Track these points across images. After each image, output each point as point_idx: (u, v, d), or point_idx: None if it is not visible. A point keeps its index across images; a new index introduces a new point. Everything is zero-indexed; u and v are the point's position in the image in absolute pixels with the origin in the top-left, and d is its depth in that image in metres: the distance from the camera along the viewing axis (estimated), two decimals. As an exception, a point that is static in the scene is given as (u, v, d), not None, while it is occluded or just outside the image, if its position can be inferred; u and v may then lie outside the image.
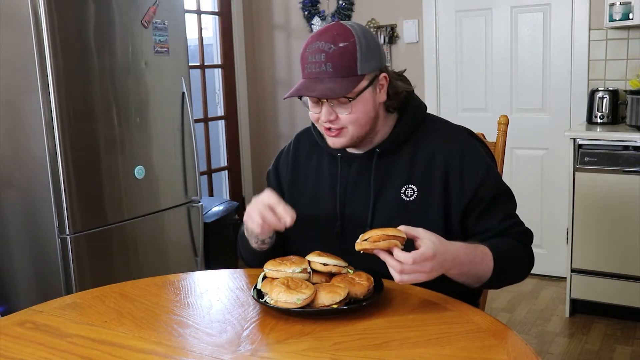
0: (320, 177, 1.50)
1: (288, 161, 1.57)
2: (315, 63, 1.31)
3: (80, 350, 1.11)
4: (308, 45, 1.34)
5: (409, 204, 1.39)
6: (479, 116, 3.68)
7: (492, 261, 1.29)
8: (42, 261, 2.60)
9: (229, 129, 4.33)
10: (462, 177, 1.38)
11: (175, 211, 3.01)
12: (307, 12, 4.15)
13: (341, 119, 1.35)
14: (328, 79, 1.30)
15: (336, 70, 1.30)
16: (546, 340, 2.86)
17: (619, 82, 3.30)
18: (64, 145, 2.49)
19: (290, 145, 1.59)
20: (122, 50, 2.70)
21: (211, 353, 1.08)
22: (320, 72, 1.31)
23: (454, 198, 1.38)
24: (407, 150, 1.42)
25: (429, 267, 1.16)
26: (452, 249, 1.22)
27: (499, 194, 1.40)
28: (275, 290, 1.19)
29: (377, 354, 1.05)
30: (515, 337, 1.11)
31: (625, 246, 2.92)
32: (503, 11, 3.57)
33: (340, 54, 1.30)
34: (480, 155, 1.42)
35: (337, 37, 1.31)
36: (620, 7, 3.03)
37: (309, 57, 1.33)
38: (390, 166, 1.42)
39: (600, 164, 2.91)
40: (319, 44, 1.32)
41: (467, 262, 1.26)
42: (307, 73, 1.34)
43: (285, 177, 1.57)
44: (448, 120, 1.51)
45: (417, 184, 1.40)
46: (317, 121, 1.39)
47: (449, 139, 1.42)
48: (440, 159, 1.39)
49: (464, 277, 1.28)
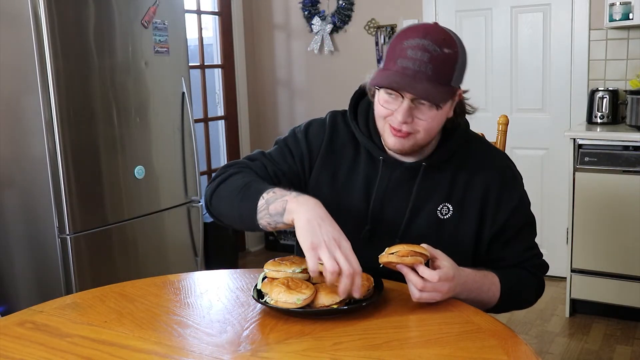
0: (354, 173, 1.43)
1: (323, 138, 1.45)
2: (416, 60, 1.23)
3: (80, 350, 1.11)
4: (407, 38, 1.25)
5: (444, 222, 1.38)
6: (479, 116, 3.61)
7: (499, 291, 1.33)
8: (42, 261, 2.60)
9: (229, 129, 4.33)
10: (498, 204, 1.38)
11: (175, 211, 3.01)
12: (307, 12, 4.15)
13: (417, 123, 1.28)
14: (426, 81, 1.23)
15: (436, 74, 1.24)
16: (546, 340, 2.86)
17: (619, 82, 3.30)
18: (64, 145, 2.49)
19: (325, 123, 1.47)
20: (122, 50, 2.70)
21: (211, 353, 1.08)
22: (419, 71, 1.23)
23: (487, 223, 1.39)
24: (450, 169, 1.40)
25: (446, 288, 1.19)
26: (463, 274, 1.24)
27: (527, 224, 1.42)
28: (275, 290, 1.19)
29: (377, 354, 1.05)
30: (515, 337, 1.11)
31: (625, 246, 2.92)
32: (503, 11, 3.57)
33: (444, 60, 1.25)
34: (517, 185, 1.43)
35: (444, 42, 1.25)
36: (620, 7, 3.03)
37: (409, 51, 1.24)
38: (432, 181, 1.39)
39: (600, 164, 2.91)
40: (424, 42, 1.23)
41: (475, 289, 1.28)
42: (401, 67, 1.24)
43: (315, 152, 1.45)
44: (490, 143, 1.51)
45: (454, 203, 1.38)
46: (385, 117, 1.31)
47: (490, 165, 1.41)
48: (480, 184, 1.38)
49: (469, 301, 1.28)
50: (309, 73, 4.27)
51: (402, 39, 1.27)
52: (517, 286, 1.37)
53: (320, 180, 1.44)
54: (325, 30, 4.10)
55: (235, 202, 1.30)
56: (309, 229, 1.15)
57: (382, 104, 1.30)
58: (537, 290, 1.44)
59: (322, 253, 1.13)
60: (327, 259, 1.12)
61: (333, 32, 4.11)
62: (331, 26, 4.08)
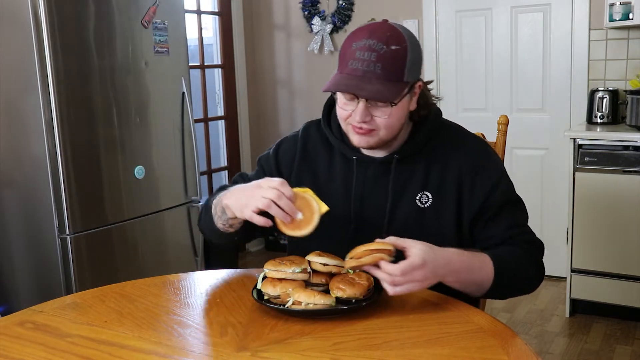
0: (332, 177, 1.47)
1: (295, 151, 1.51)
2: (364, 61, 1.26)
3: (80, 350, 1.11)
4: (355, 40, 1.29)
5: (424, 210, 1.39)
6: (479, 116, 3.68)
7: (493, 269, 1.28)
8: (42, 261, 2.60)
9: (229, 129, 4.33)
10: (474, 185, 1.38)
11: (175, 211, 3.01)
12: (307, 12, 4.15)
13: (376, 121, 1.31)
14: (376, 80, 1.26)
15: (385, 72, 1.26)
16: (546, 340, 2.86)
17: (619, 82, 3.30)
18: (64, 145, 2.49)
19: (298, 136, 1.53)
20: (122, 50, 2.70)
21: (211, 353, 1.08)
22: (367, 72, 1.26)
23: (465, 206, 1.38)
24: (424, 157, 1.41)
25: (420, 276, 1.16)
26: (444, 255, 1.22)
27: (508, 203, 1.39)
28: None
29: (377, 354, 1.05)
30: (515, 337, 1.11)
31: (625, 246, 2.92)
32: (503, 11, 3.57)
33: (391, 57, 1.26)
34: (492, 166, 1.42)
35: (390, 38, 1.27)
36: (620, 7, 3.03)
37: (357, 53, 1.27)
38: (407, 172, 1.41)
39: (600, 164, 2.91)
40: (370, 42, 1.26)
41: (463, 269, 1.25)
42: (351, 69, 1.28)
43: (287, 167, 1.51)
44: (463, 127, 1.50)
45: (432, 191, 1.39)
46: (346, 119, 1.35)
47: (464, 148, 1.42)
48: (455, 167, 1.39)
49: (463, 285, 1.27)
50: (309, 73, 4.27)
51: (351, 41, 1.30)
52: (511, 262, 1.31)
53: None
54: (325, 30, 4.10)
55: (205, 221, 1.46)
56: (238, 205, 1.27)
57: (342, 106, 1.35)
58: (535, 267, 1.36)
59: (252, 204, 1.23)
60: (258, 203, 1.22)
61: (333, 32, 4.11)
62: (331, 26, 4.08)
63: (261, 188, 1.25)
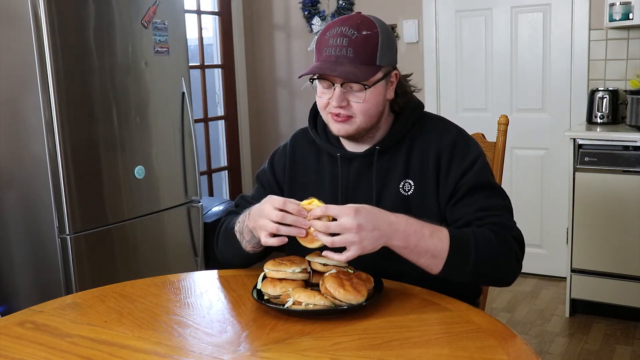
0: (320, 178, 1.50)
1: (285, 160, 1.55)
2: (336, 47, 1.31)
3: (80, 350, 1.11)
4: (328, 30, 1.35)
5: (408, 198, 1.41)
6: (479, 116, 3.68)
7: (448, 238, 1.24)
8: (42, 261, 2.60)
9: (229, 129, 4.33)
10: (449, 169, 1.39)
11: (175, 211, 3.02)
12: (307, 12, 4.15)
13: (352, 106, 1.35)
14: (348, 63, 1.31)
15: (357, 56, 1.31)
16: (546, 340, 2.86)
17: (619, 82, 3.30)
18: (64, 145, 2.49)
19: (287, 144, 1.58)
20: (122, 50, 2.70)
21: (211, 353, 1.08)
22: (340, 56, 1.31)
23: (441, 189, 1.39)
24: (405, 147, 1.43)
25: (355, 238, 1.16)
26: (384, 216, 1.22)
27: (481, 186, 1.37)
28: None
29: (377, 354, 1.05)
30: (515, 337, 1.11)
31: (625, 246, 2.92)
32: (503, 11, 3.57)
33: (362, 41, 1.31)
34: (469, 150, 1.41)
35: (361, 24, 1.33)
36: (620, 7, 3.03)
37: (330, 40, 1.33)
38: (389, 163, 1.43)
39: (600, 164, 2.91)
40: (342, 28, 1.32)
41: (412, 233, 1.22)
42: (325, 56, 1.33)
43: (282, 177, 1.55)
44: (444, 118, 1.52)
45: (414, 178, 1.41)
46: (325, 108, 1.39)
47: (442, 133, 1.43)
48: (433, 152, 1.41)
49: (414, 252, 1.23)
50: (309, 73, 4.26)
51: (325, 31, 1.36)
52: (471, 236, 1.26)
53: (294, 196, 1.46)
54: (325, 30, 4.10)
55: (227, 248, 1.48)
56: (255, 229, 1.30)
57: (319, 95, 1.39)
58: (506, 250, 1.28)
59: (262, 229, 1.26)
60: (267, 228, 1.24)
61: (333, 32, 4.11)
62: (331, 26, 4.07)
63: (264, 212, 1.26)
